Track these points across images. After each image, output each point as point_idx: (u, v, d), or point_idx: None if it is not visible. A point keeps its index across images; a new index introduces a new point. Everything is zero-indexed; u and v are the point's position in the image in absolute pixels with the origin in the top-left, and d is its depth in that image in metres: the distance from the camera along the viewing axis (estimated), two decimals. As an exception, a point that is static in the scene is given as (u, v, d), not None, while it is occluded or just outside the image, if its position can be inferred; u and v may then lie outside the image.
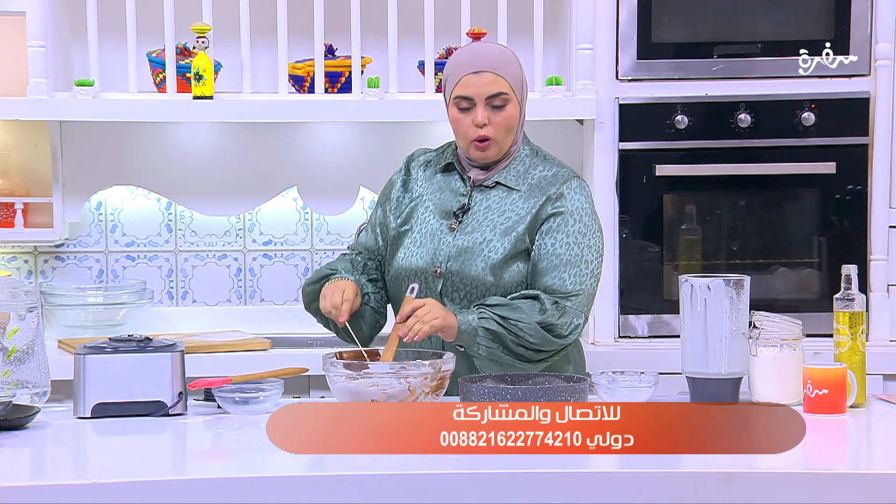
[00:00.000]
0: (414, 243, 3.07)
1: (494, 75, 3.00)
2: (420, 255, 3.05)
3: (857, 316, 2.88)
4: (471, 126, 3.01)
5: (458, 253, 3.02)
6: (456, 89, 3.01)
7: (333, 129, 4.23)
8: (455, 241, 3.03)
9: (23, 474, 2.45)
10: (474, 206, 3.07)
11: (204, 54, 3.86)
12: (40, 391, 2.79)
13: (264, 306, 4.27)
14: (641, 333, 3.93)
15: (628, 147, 3.92)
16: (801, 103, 3.90)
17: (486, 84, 2.99)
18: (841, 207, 3.92)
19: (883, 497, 2.29)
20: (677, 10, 3.91)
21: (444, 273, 3.02)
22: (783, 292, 3.94)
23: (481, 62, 3.01)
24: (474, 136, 3.01)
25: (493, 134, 3.01)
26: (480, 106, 3.00)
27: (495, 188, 3.07)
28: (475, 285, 3.00)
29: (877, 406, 2.94)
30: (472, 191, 3.08)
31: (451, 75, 3.04)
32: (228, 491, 2.28)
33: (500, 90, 3.00)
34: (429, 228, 3.07)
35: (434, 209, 3.09)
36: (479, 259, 3.00)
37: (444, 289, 3.02)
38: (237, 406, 2.81)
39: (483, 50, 3.08)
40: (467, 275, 3.00)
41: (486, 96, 2.99)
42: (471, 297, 3.01)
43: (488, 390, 2.67)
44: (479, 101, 3.00)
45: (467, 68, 3.01)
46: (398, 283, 3.09)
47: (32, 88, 3.85)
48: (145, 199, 4.24)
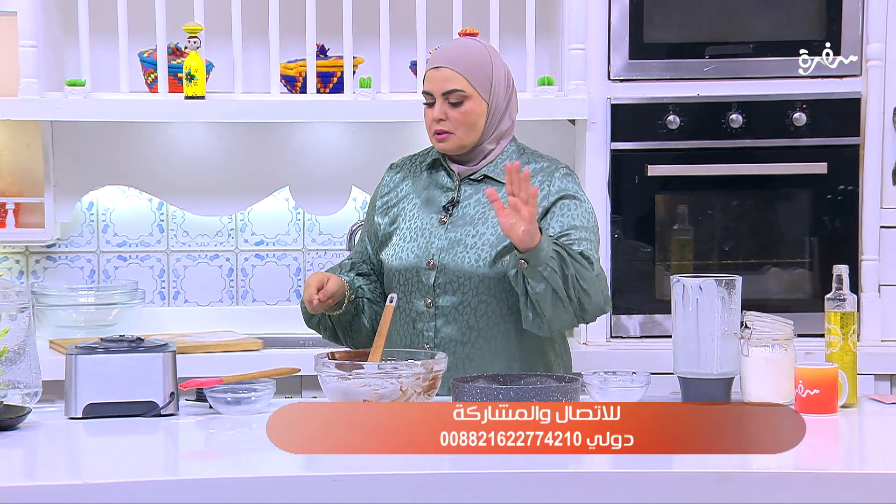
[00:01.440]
0: (403, 239, 3.08)
1: (451, 71, 3.04)
2: (411, 248, 3.06)
3: (849, 316, 2.88)
4: (431, 120, 3.06)
5: (451, 245, 3.03)
6: (423, 84, 3.09)
7: (325, 129, 4.23)
8: (447, 233, 3.05)
9: (14, 475, 2.45)
10: (463, 199, 3.08)
11: (196, 54, 3.86)
12: (31, 391, 2.79)
13: (256, 306, 4.27)
14: (633, 333, 3.93)
15: (620, 147, 3.92)
16: (792, 104, 3.90)
17: (442, 80, 3.04)
18: (832, 207, 3.93)
19: (875, 497, 2.30)
20: (669, 10, 3.92)
21: (437, 265, 3.03)
22: (775, 292, 3.95)
23: (442, 58, 3.06)
24: (433, 129, 3.06)
25: (452, 128, 3.05)
26: (438, 101, 3.04)
27: (483, 181, 3.08)
28: (468, 277, 3.01)
29: (868, 406, 2.95)
30: (459, 184, 3.09)
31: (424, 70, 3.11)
32: (221, 491, 2.28)
33: (454, 87, 3.03)
34: (418, 223, 3.09)
35: (422, 204, 3.11)
36: (472, 251, 3.02)
37: (438, 281, 3.03)
38: (229, 406, 2.81)
39: (451, 47, 3.13)
40: (460, 267, 3.01)
41: (442, 92, 3.04)
42: (464, 290, 3.02)
43: (480, 390, 2.68)
44: (437, 96, 3.05)
45: (431, 64, 3.08)
46: (390, 279, 3.09)
47: (24, 88, 3.84)
48: (137, 199, 4.24)
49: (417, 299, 3.05)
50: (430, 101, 3.05)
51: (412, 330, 3.05)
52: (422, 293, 3.04)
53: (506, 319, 3.04)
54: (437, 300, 3.03)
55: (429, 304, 3.04)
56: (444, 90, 3.03)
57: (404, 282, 3.06)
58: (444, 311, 3.03)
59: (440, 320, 3.03)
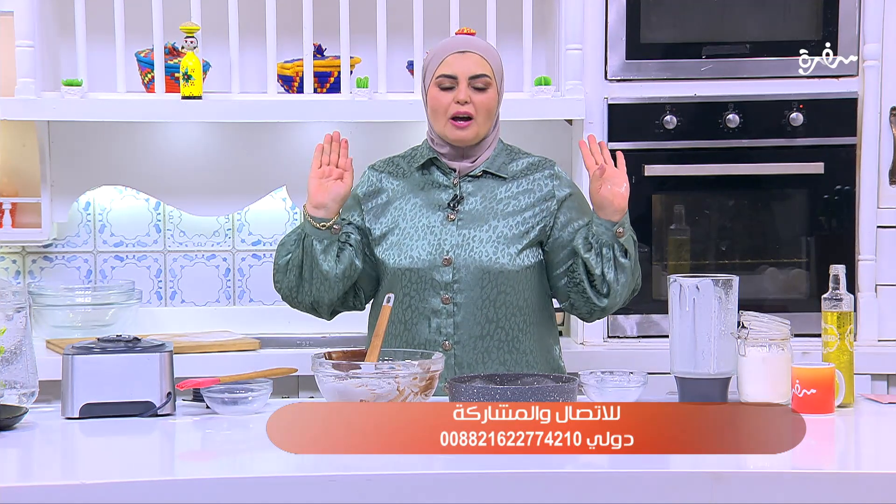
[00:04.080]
0: (410, 238, 3.08)
1: (480, 57, 3.05)
2: (421, 247, 3.06)
3: (846, 316, 2.89)
4: (451, 103, 3.03)
5: (465, 241, 3.04)
6: (440, 68, 3.05)
7: (322, 129, 4.19)
8: (459, 230, 3.05)
9: (11, 475, 2.45)
10: (467, 195, 3.08)
11: (193, 54, 3.86)
12: (28, 391, 2.79)
13: (253, 306, 4.26)
14: (630, 333, 3.93)
15: (617, 147, 3.91)
16: (789, 103, 3.90)
17: (472, 64, 3.04)
18: (829, 207, 3.93)
19: (871, 497, 2.30)
20: (666, 10, 3.92)
21: (453, 260, 3.03)
22: (772, 292, 3.95)
23: (468, 45, 3.07)
24: (454, 112, 3.03)
25: (474, 112, 3.04)
26: (463, 83, 3.03)
27: (483, 177, 3.09)
28: (487, 271, 3.03)
29: (865, 406, 2.95)
30: (459, 181, 3.09)
31: (434, 57, 3.08)
32: (218, 491, 2.28)
33: (483, 72, 3.04)
34: (423, 222, 3.08)
35: (422, 204, 3.10)
36: (489, 245, 3.04)
37: (455, 277, 3.03)
38: (226, 406, 2.80)
39: (468, 37, 3.16)
40: (478, 262, 3.03)
41: (471, 75, 3.03)
42: (483, 284, 3.03)
43: (477, 390, 2.68)
44: (463, 79, 3.03)
45: (453, 49, 3.06)
46: (395, 279, 3.08)
47: (20, 88, 3.84)
48: (134, 199, 4.24)
49: (432, 297, 3.05)
50: (449, 84, 3.03)
51: (428, 327, 3.06)
52: (437, 290, 3.04)
53: (523, 311, 3.07)
54: (455, 296, 3.04)
55: (446, 300, 3.04)
56: (473, 73, 3.03)
57: (416, 280, 3.06)
58: (463, 306, 3.04)
59: (459, 316, 3.04)
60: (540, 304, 3.12)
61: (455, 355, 3.04)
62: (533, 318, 3.09)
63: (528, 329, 3.09)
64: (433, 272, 3.04)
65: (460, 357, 3.04)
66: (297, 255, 3.05)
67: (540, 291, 3.11)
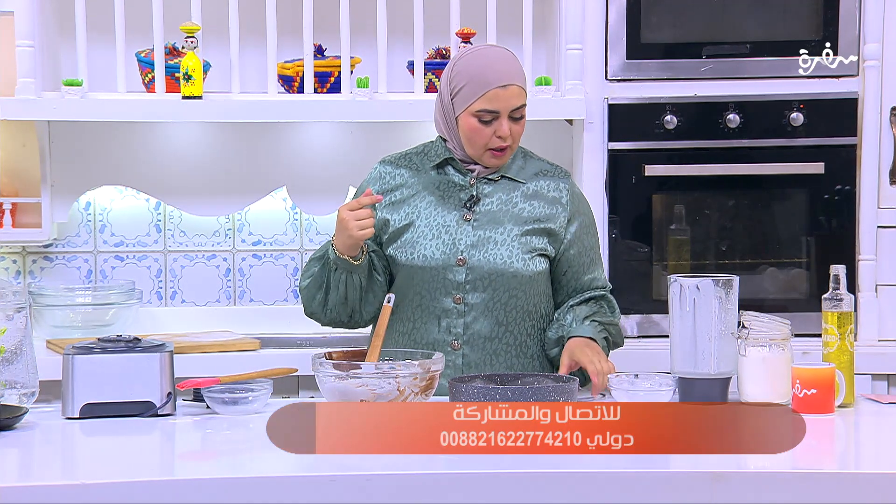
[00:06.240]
0: (424, 237, 3.07)
1: (518, 88, 3.03)
2: (436, 246, 3.05)
3: (846, 316, 2.89)
4: (491, 137, 3.02)
5: (480, 242, 3.05)
6: (479, 102, 2.99)
7: (323, 129, 4.22)
8: (475, 231, 3.06)
9: (11, 475, 2.45)
10: (484, 197, 3.08)
11: (193, 54, 3.86)
12: (28, 391, 2.79)
13: (253, 306, 4.27)
14: (630, 333, 3.93)
15: (617, 147, 3.92)
16: (789, 103, 3.90)
17: (512, 97, 3.01)
18: (829, 207, 3.93)
19: (871, 497, 2.30)
20: (666, 10, 3.92)
21: (467, 261, 3.03)
22: (772, 292, 3.95)
23: (509, 77, 3.01)
24: (495, 146, 3.03)
25: (511, 143, 3.05)
26: (504, 119, 3.01)
27: (500, 181, 3.10)
28: (500, 273, 3.03)
29: (865, 406, 2.95)
30: (476, 182, 3.09)
31: (471, 85, 3.00)
32: (218, 491, 2.28)
33: (522, 102, 3.04)
34: (439, 221, 3.07)
35: (437, 202, 3.09)
36: (503, 248, 3.04)
37: (468, 277, 3.03)
38: (226, 406, 2.80)
39: (501, 59, 3.04)
40: (492, 263, 3.03)
41: (512, 109, 3.01)
42: (495, 286, 3.03)
43: (478, 390, 2.68)
44: (504, 114, 3.01)
45: (495, 83, 2.99)
46: (408, 277, 3.07)
47: (21, 88, 3.84)
48: (134, 199, 4.24)
49: (444, 296, 3.05)
50: (489, 118, 3.00)
51: (437, 327, 3.06)
52: (449, 290, 3.04)
53: (531, 315, 3.08)
54: (467, 297, 3.04)
55: (458, 300, 3.04)
56: (514, 107, 3.01)
57: (429, 279, 3.05)
58: (474, 307, 3.04)
59: (469, 316, 3.04)
60: (547, 310, 3.13)
61: (464, 355, 3.04)
62: (541, 325, 3.11)
63: (537, 335, 3.11)
64: (446, 272, 3.04)
65: (469, 357, 3.04)
66: (339, 292, 3.05)
67: (548, 297, 3.12)
